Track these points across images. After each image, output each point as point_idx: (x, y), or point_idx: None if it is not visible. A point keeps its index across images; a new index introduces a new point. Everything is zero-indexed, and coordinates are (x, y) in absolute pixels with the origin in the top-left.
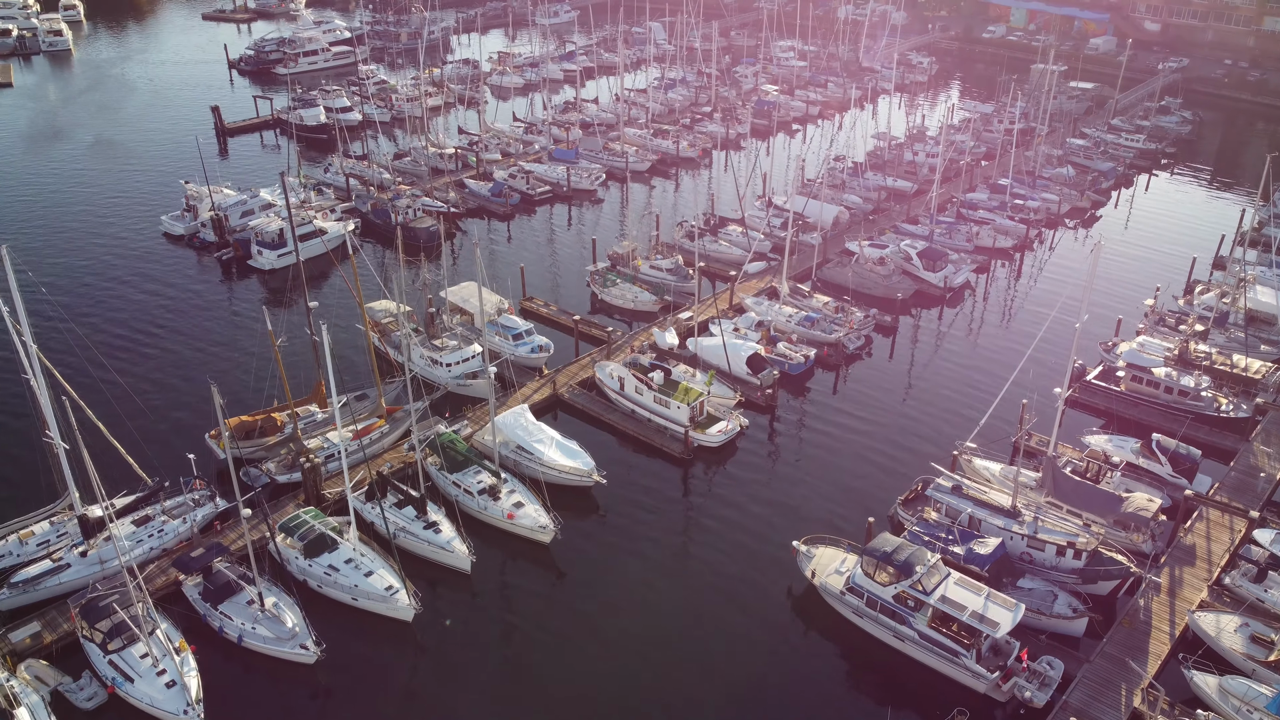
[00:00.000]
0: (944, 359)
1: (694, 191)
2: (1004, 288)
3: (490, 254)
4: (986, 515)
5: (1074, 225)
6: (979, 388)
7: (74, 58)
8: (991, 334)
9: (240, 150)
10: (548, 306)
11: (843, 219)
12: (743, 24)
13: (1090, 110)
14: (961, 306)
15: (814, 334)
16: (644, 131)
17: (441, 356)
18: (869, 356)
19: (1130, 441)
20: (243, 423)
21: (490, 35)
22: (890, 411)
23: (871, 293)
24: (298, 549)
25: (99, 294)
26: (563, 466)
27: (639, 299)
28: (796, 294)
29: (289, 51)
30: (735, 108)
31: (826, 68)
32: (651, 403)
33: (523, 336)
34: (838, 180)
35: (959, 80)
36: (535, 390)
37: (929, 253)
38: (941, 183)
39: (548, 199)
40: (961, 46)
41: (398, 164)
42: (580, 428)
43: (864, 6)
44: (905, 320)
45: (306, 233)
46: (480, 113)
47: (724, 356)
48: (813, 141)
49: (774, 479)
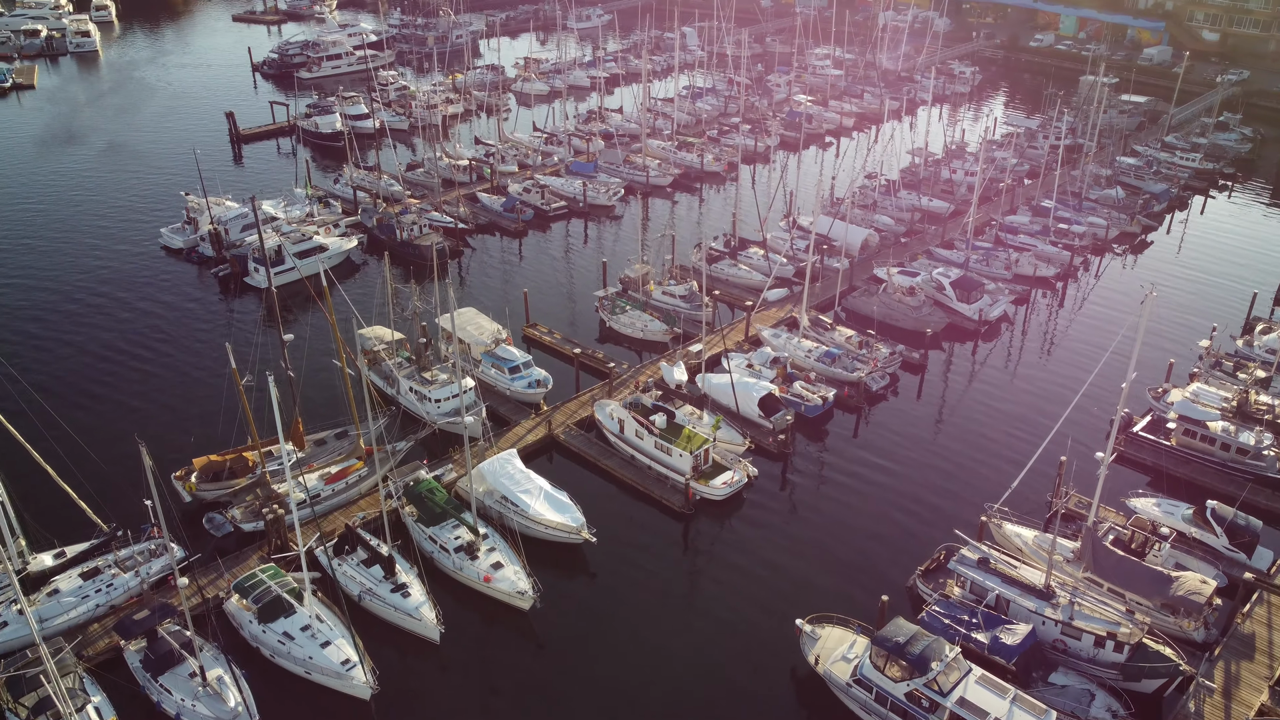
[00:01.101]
0: (976, 403)
1: (717, 209)
2: (1045, 322)
3: (497, 274)
4: (1016, 596)
5: (1122, 252)
6: (1014, 438)
7: (101, 59)
8: (1030, 375)
9: (255, 158)
10: (551, 334)
11: (872, 242)
12: (779, 30)
13: (1142, 126)
14: (997, 342)
15: (834, 372)
16: (668, 144)
17: (430, 391)
18: (894, 396)
19: (1181, 507)
20: (211, 463)
21: (521, 39)
22: (914, 463)
23: (899, 325)
24: (252, 612)
25: (86, 311)
26: (549, 521)
27: (648, 328)
28: (817, 326)
29: (312, 55)
30: (765, 118)
31: (863, 77)
32: (652, 449)
33: (519, 370)
34: (868, 200)
35: (1003, 92)
36: (529, 430)
37: (963, 282)
38: (980, 203)
39: (563, 215)
40: (1007, 55)
41: (410, 175)
42: (575, 472)
43: (905, 12)
44: (935, 356)
45: (306, 250)
46: (499, 121)
47: (740, 394)
48: (845, 156)
49: (782, 538)
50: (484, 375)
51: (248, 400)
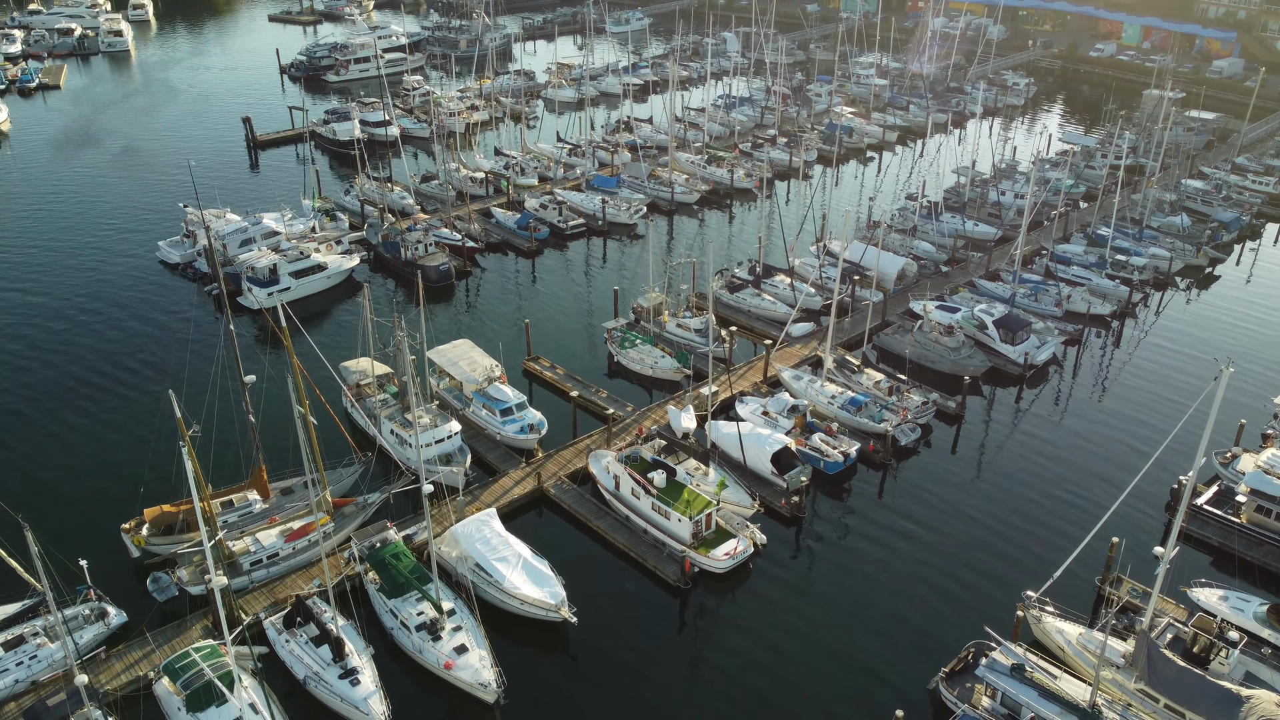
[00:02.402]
0: (1018, 461)
1: (745, 230)
2: (1099, 367)
3: (503, 298)
4: (1055, 715)
5: (1187, 288)
6: (1060, 504)
7: (133, 59)
8: (1080, 430)
9: (272, 165)
10: (554, 369)
11: (909, 272)
12: (824, 36)
13: (1211, 146)
14: (1044, 390)
15: (859, 422)
16: (697, 157)
17: (411, 435)
18: (926, 448)
19: (1253, 602)
20: (163, 514)
21: (558, 43)
22: (944, 533)
23: (935, 367)
24: (180, 699)
25: (72, 329)
26: (526, 597)
27: (659, 365)
28: (843, 367)
29: (339, 58)
30: (803, 131)
31: (910, 87)
32: (649, 510)
33: (512, 413)
34: (908, 223)
35: (1059, 105)
36: (516, 482)
37: (1008, 321)
38: (1030, 229)
39: (580, 234)
40: (1065, 66)
41: (424, 187)
42: (564, 533)
43: (957, 19)
44: (974, 404)
45: (303, 269)
46: (522, 130)
47: (751, 447)
48: (885, 174)
49: (790, 619)
50: (474, 416)
51: (194, 451)
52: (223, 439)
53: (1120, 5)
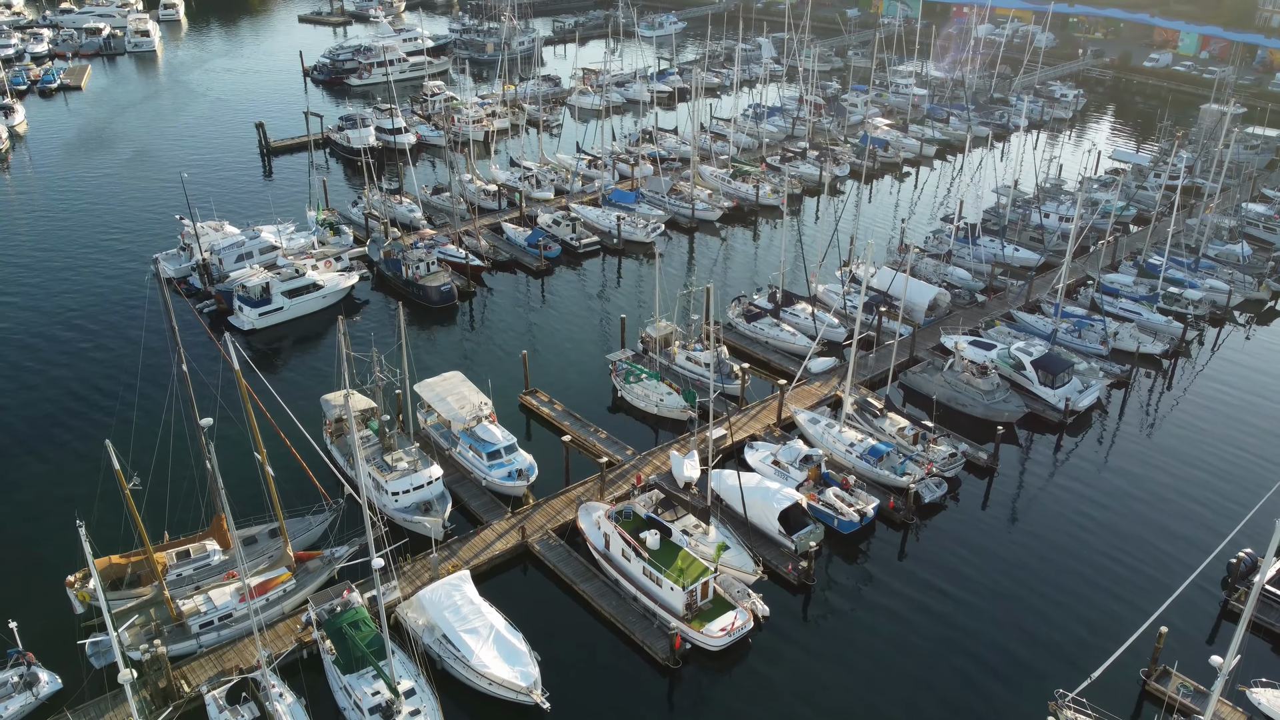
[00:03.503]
0: (1054, 523)
1: (770, 251)
2: (1148, 415)
3: (505, 322)
4: None
5: (1247, 324)
6: (1102, 577)
7: (159, 60)
8: (1127, 488)
9: (284, 172)
10: (552, 404)
11: (941, 302)
12: (863, 43)
13: (1274, 165)
14: (1087, 439)
15: (880, 474)
16: (722, 171)
17: (387, 481)
18: (953, 503)
19: None
20: (112, 565)
21: (590, 47)
22: (970, 607)
23: (966, 411)
24: None
25: (55, 349)
26: (494, 677)
27: (664, 402)
28: (865, 411)
29: (363, 61)
30: (835, 144)
31: (951, 98)
32: (640, 575)
33: (500, 455)
34: (942, 247)
35: (1110, 119)
36: (499, 535)
37: (1049, 362)
38: (1075, 255)
39: (594, 252)
40: (1117, 76)
41: (435, 200)
42: (547, 596)
43: (1003, 26)
44: (1008, 455)
45: (296, 288)
46: (540, 140)
47: (756, 504)
48: (921, 192)
49: (790, 708)
50: (460, 457)
51: (135, 504)
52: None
53: (1177, 13)
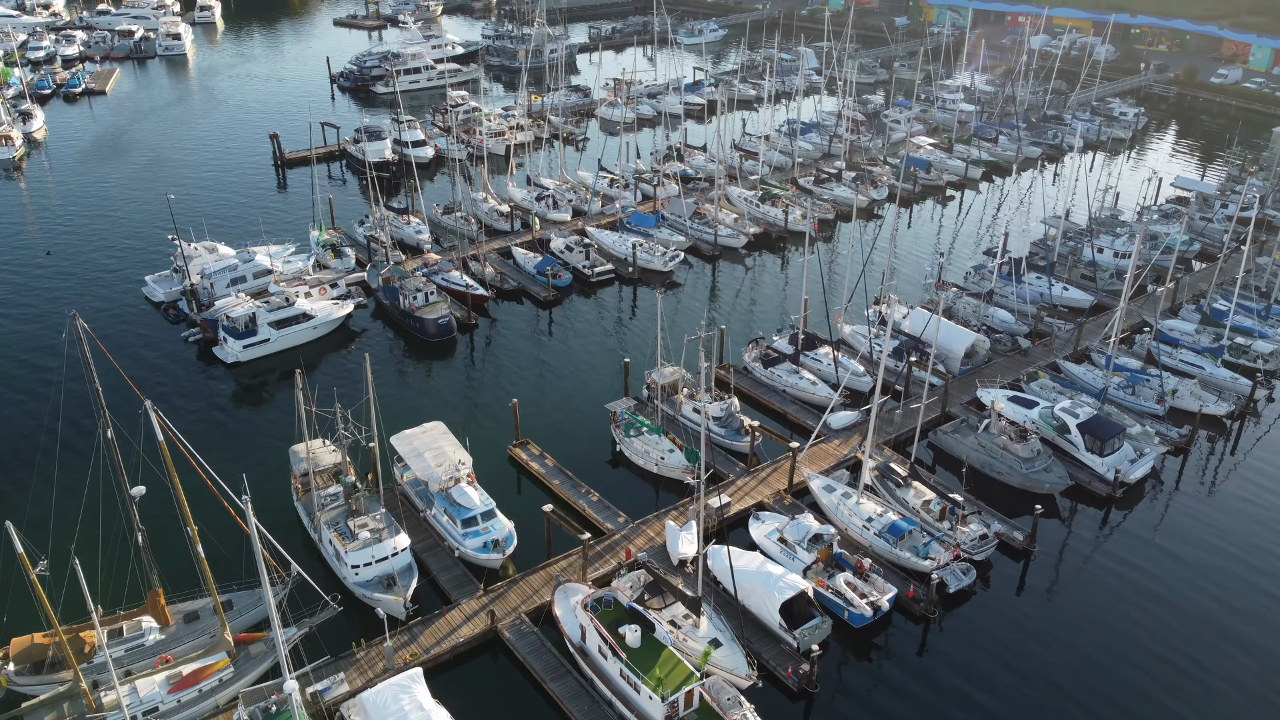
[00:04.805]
0: (1102, 616)
1: (797, 283)
2: (1210, 487)
3: (503, 360)
4: None
5: None
6: (1155, 694)
7: (189, 64)
8: (1187, 575)
9: (299, 186)
10: (543, 459)
11: (980, 349)
12: (910, 54)
13: None
14: (1139, 516)
15: (900, 555)
16: (750, 193)
17: (347, 551)
18: (984, 589)
19: None
20: (33, 645)
21: (626, 54)
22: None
23: (1002, 479)
24: None
25: (26, 379)
26: None
27: (665, 461)
28: (887, 478)
29: (390, 68)
30: (873, 164)
31: (1001, 114)
32: (617, 676)
33: (476, 523)
34: (983, 286)
35: (1172, 140)
36: (467, 618)
37: (1097, 426)
38: (1131, 296)
39: (608, 280)
40: (1181, 93)
41: (446, 220)
42: (516, 692)
43: (1060, 37)
44: (1048, 533)
45: (284, 318)
46: (560, 157)
47: (756, 591)
48: (964, 219)
49: None
50: (434, 521)
51: (43, 589)
52: (138, 544)
53: (1250, 25)
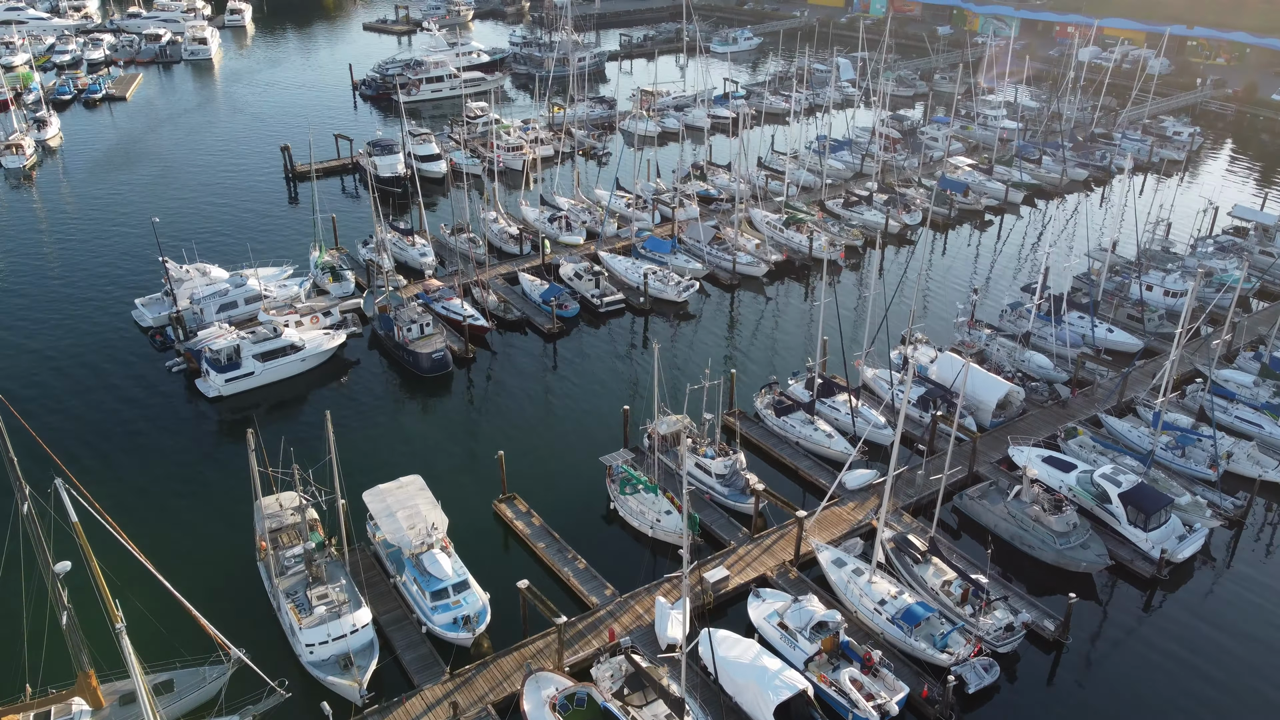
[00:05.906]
0: (1145, 719)
1: (821, 317)
2: (1268, 566)
3: (498, 400)
4: None
5: None
6: None
7: (215, 69)
8: (1240, 670)
9: (308, 201)
10: (529, 516)
11: (1014, 400)
12: (952, 66)
13: None
14: (1188, 598)
15: (915, 646)
16: (774, 216)
17: (301, 628)
18: (1009, 685)
19: None
20: None
21: (659, 62)
22: None
23: (1033, 554)
24: None
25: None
26: None
27: (660, 524)
28: (904, 552)
29: (413, 76)
30: (908, 184)
31: (1046, 133)
32: None
33: (447, 595)
34: (1020, 327)
35: (1230, 163)
36: (429, 706)
37: (1141, 496)
38: (1185, 342)
39: (618, 310)
40: (1240, 112)
41: (453, 241)
42: None
43: (1111, 49)
44: (1083, 618)
45: (270, 350)
46: (576, 174)
47: (750, 688)
48: (1002, 248)
49: None
50: (404, 590)
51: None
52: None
53: None
